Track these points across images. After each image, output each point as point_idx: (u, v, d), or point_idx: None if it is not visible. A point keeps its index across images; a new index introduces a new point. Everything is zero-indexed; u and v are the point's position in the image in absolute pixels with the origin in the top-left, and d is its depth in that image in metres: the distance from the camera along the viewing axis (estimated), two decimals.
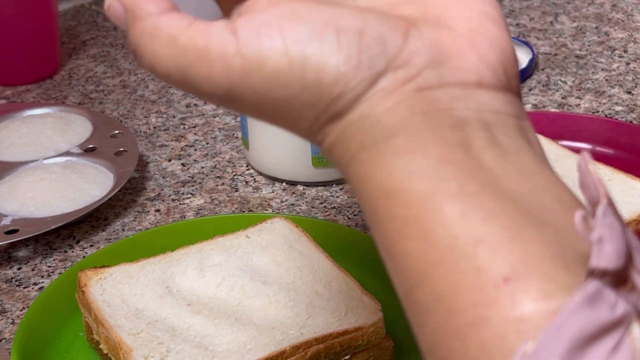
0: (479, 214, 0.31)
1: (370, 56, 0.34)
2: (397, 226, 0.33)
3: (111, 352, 0.56)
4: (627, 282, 0.29)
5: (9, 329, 0.64)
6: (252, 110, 0.36)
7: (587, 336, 0.28)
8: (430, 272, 0.31)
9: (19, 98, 0.97)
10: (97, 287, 0.59)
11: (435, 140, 0.33)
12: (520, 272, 0.29)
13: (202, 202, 0.77)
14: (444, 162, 0.32)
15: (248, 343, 0.54)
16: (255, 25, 0.35)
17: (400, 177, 0.33)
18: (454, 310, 0.30)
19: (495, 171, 0.32)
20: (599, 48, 1.01)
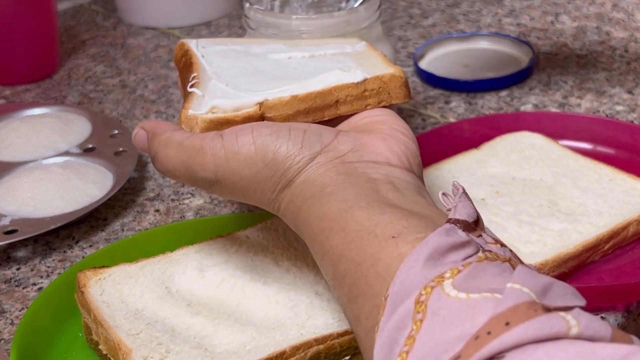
0: (378, 212, 0.47)
1: (310, 143, 0.52)
2: (326, 233, 0.48)
3: (110, 353, 0.56)
4: (475, 231, 0.44)
5: (8, 329, 0.64)
6: (231, 189, 0.53)
7: (443, 247, 0.42)
8: (345, 248, 0.46)
9: (18, 98, 0.97)
10: (96, 288, 0.59)
11: (354, 186, 0.49)
12: (402, 232, 0.44)
13: (201, 202, 0.77)
14: (358, 195, 0.49)
15: (248, 344, 0.54)
16: (235, 130, 0.53)
17: (329, 206, 0.49)
18: (360, 262, 0.45)
19: (394, 199, 0.48)
20: (600, 48, 1.01)
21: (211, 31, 1.11)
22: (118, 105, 0.94)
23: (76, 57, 1.06)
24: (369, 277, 0.44)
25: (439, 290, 0.40)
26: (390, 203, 0.47)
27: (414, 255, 0.42)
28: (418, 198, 0.49)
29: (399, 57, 1.01)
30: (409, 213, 0.46)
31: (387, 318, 0.41)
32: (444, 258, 0.42)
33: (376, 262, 0.44)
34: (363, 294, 0.44)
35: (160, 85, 0.98)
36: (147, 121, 0.57)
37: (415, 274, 0.41)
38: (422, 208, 0.47)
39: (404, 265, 0.42)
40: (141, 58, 1.05)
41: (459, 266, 0.41)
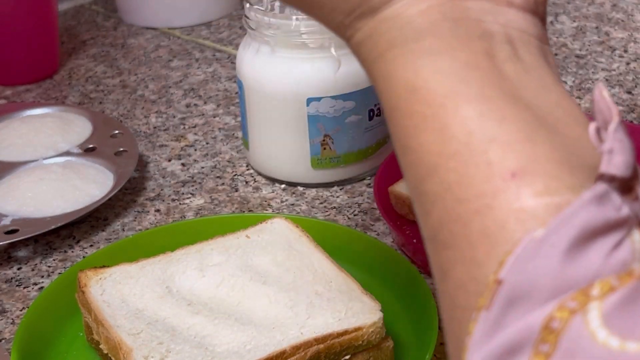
0: (495, 115, 0.33)
1: None
2: (415, 121, 0.34)
3: (111, 352, 0.56)
4: (632, 192, 0.32)
5: (9, 329, 0.64)
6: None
7: (592, 229, 0.30)
8: (442, 163, 0.33)
9: (18, 98, 0.97)
10: (97, 287, 0.59)
11: (462, 46, 0.35)
12: (528, 169, 0.31)
13: (202, 202, 0.77)
14: (468, 67, 0.35)
15: (248, 343, 0.54)
16: None
17: (424, 76, 0.35)
18: (461, 199, 0.32)
19: (515, 81, 0.35)
20: (599, 48, 1.01)
21: (211, 31, 1.11)
22: (118, 105, 0.94)
23: (77, 57, 1.06)
24: (471, 228, 0.32)
25: (581, 321, 0.29)
26: (509, 91, 0.34)
27: (549, 235, 0.30)
28: (543, 73, 0.36)
29: None
30: (536, 122, 0.33)
31: (495, 322, 0.30)
32: (590, 248, 0.30)
33: (484, 209, 0.31)
34: (458, 248, 0.32)
35: (160, 85, 0.98)
36: None
37: (548, 270, 0.30)
38: (550, 101, 0.35)
39: (532, 248, 0.30)
40: (141, 58, 1.05)
41: (612, 279, 0.29)
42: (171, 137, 0.88)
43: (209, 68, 1.02)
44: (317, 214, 0.75)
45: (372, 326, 0.55)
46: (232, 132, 0.88)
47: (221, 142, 0.86)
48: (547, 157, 0.32)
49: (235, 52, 0.84)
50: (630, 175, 0.32)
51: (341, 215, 0.75)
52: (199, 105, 0.94)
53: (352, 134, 0.76)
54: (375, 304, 0.56)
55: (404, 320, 0.61)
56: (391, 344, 0.56)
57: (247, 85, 0.77)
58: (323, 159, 0.76)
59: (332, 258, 0.61)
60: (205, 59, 1.04)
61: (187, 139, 0.87)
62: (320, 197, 0.77)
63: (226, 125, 0.89)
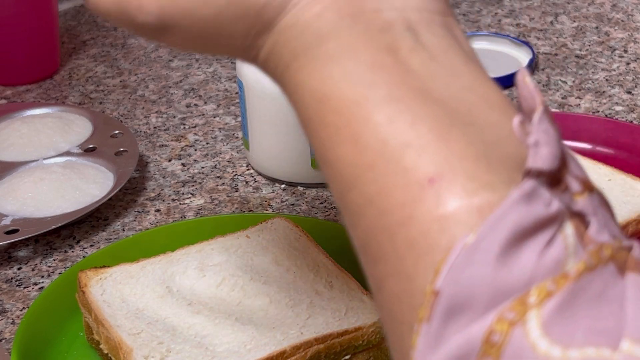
0: (406, 118, 0.32)
1: None
2: (329, 133, 0.33)
3: (111, 352, 0.56)
4: (561, 183, 0.31)
5: (9, 328, 0.64)
6: (185, 37, 0.38)
7: (523, 230, 0.29)
8: (360, 175, 0.32)
9: (19, 98, 0.97)
10: (97, 287, 0.59)
11: (364, 45, 0.34)
12: (444, 172, 0.30)
13: (202, 202, 0.77)
14: (373, 67, 0.33)
15: (248, 343, 0.54)
16: None
17: (331, 83, 0.33)
18: (383, 211, 0.31)
19: (422, 74, 0.33)
20: (599, 48, 1.01)
21: None
22: (119, 105, 0.95)
23: (77, 57, 1.06)
24: (397, 241, 0.31)
25: (521, 333, 0.28)
26: (418, 87, 0.33)
27: (479, 240, 0.29)
28: (452, 56, 0.34)
29: None
30: (448, 117, 0.32)
31: (436, 335, 0.29)
32: (523, 250, 0.29)
33: (407, 220, 0.30)
34: (388, 262, 0.32)
35: (160, 85, 0.98)
36: None
37: (482, 278, 0.29)
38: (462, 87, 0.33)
39: (464, 255, 0.29)
40: (142, 58, 1.05)
41: (548, 284, 0.29)
42: (171, 137, 0.88)
43: (209, 68, 1.02)
44: (317, 214, 0.75)
45: (373, 326, 0.55)
46: (232, 132, 0.88)
47: (221, 142, 0.86)
48: (461, 155, 0.31)
49: None
50: (558, 167, 0.31)
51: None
52: (199, 106, 0.94)
53: None
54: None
55: None
56: None
57: (247, 85, 0.77)
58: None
59: (332, 258, 0.62)
60: (205, 59, 1.04)
61: (188, 139, 0.87)
62: (320, 197, 0.77)
63: (226, 125, 0.89)
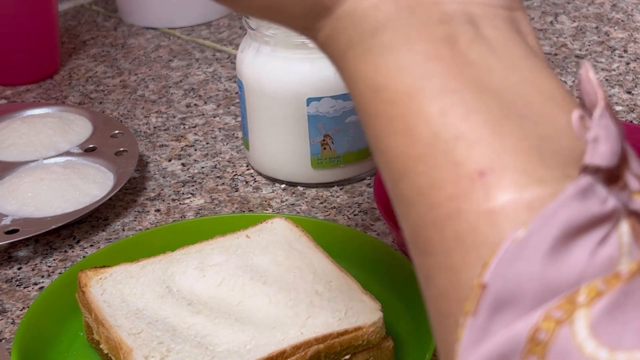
0: (459, 110, 0.31)
1: None
2: (383, 123, 0.33)
3: (111, 352, 0.56)
4: (619, 181, 0.30)
5: (9, 328, 0.64)
6: (253, 5, 0.38)
7: (576, 226, 0.28)
8: (411, 167, 0.32)
9: (19, 98, 0.97)
10: (97, 287, 0.59)
11: (420, 36, 0.33)
12: (495, 166, 0.30)
13: (202, 202, 0.77)
14: (429, 59, 0.33)
15: (248, 343, 0.54)
16: None
17: (386, 74, 0.33)
18: (433, 204, 0.31)
19: (480, 66, 0.32)
20: (599, 48, 1.01)
21: (211, 31, 1.11)
22: (119, 105, 0.95)
23: (77, 57, 1.06)
24: (445, 234, 0.31)
25: (568, 332, 0.28)
26: (475, 79, 0.32)
27: (530, 235, 0.28)
28: (513, 49, 0.33)
29: None
30: (503, 110, 0.31)
31: (482, 329, 0.29)
32: (574, 247, 0.28)
33: (456, 213, 0.30)
34: (436, 254, 0.31)
35: (160, 85, 0.98)
36: None
37: (531, 274, 0.28)
38: (520, 80, 0.32)
39: (514, 250, 0.29)
40: (142, 58, 1.05)
41: (598, 283, 0.28)
42: (171, 137, 0.88)
43: (209, 68, 1.02)
44: (317, 214, 0.75)
45: (372, 326, 0.55)
46: (232, 132, 0.88)
47: (221, 142, 0.87)
48: (515, 149, 0.30)
49: (236, 52, 0.85)
50: (617, 164, 0.30)
51: (341, 215, 0.75)
52: (199, 105, 0.94)
53: (352, 134, 0.76)
54: (375, 303, 0.57)
55: (404, 320, 0.61)
56: (391, 343, 0.56)
57: (247, 85, 0.77)
58: (323, 159, 0.77)
59: (332, 258, 0.62)
60: (205, 59, 1.04)
61: (187, 139, 0.87)
62: (320, 197, 0.77)
63: (226, 125, 0.89)
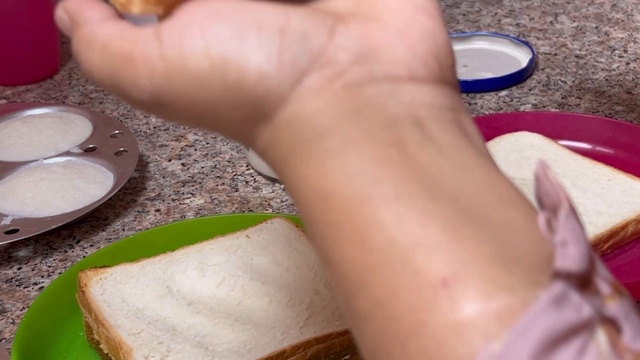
0: (415, 216, 0.30)
1: (293, 54, 0.33)
2: (333, 231, 0.31)
3: (111, 352, 0.56)
4: (590, 286, 0.29)
5: (9, 328, 0.64)
6: (180, 116, 0.36)
7: (554, 337, 0.27)
8: (367, 278, 0.30)
9: (19, 98, 0.97)
10: (97, 287, 0.59)
11: (368, 140, 0.32)
12: (458, 274, 0.28)
13: (202, 202, 0.77)
14: (379, 163, 0.31)
15: (248, 343, 0.54)
16: (178, 28, 0.34)
17: (334, 180, 0.31)
18: (393, 317, 0.29)
19: (432, 170, 0.31)
20: (599, 48, 1.01)
21: None
22: (119, 105, 0.95)
23: None
24: (409, 349, 0.29)
25: None
26: (428, 182, 0.31)
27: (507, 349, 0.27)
28: (463, 152, 0.33)
29: None
30: (461, 214, 0.30)
31: None
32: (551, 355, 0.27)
33: (420, 326, 0.28)
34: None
35: None
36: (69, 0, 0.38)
37: None
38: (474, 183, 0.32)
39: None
40: None
41: None
42: (171, 137, 0.88)
43: None
44: None
45: None
46: None
47: (221, 142, 0.87)
48: (476, 255, 0.29)
49: None
50: (587, 268, 0.29)
51: None
52: None
53: None
54: None
55: None
56: None
57: None
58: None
59: None
60: None
61: (187, 139, 0.87)
62: None
63: None
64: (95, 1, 0.37)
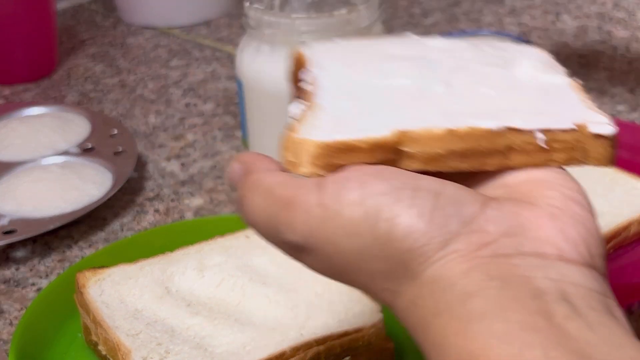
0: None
1: (444, 215, 0.35)
2: None
3: (110, 353, 0.56)
4: None
5: (7, 329, 0.63)
6: (325, 262, 0.38)
7: None
8: None
9: (17, 97, 0.97)
10: (95, 288, 0.59)
11: (514, 306, 0.32)
12: None
13: (201, 202, 0.77)
14: (526, 329, 0.32)
15: (247, 344, 0.54)
16: (338, 180, 0.37)
17: (480, 343, 0.32)
18: None
19: (580, 340, 0.32)
20: (601, 47, 1.01)
21: (211, 30, 1.11)
22: (117, 104, 0.94)
23: (75, 56, 1.06)
24: None
25: None
26: (577, 350, 0.32)
27: None
28: (612, 329, 0.33)
29: None
30: None
31: None
32: None
33: None
34: None
35: (159, 84, 0.98)
36: (245, 153, 0.42)
37: None
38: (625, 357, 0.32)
39: None
40: (141, 58, 1.05)
41: None
42: (170, 136, 0.88)
43: (208, 67, 1.01)
44: None
45: (372, 327, 0.55)
46: (232, 131, 0.88)
47: (220, 141, 0.86)
48: None
49: (235, 51, 0.84)
50: None
51: None
52: (198, 105, 0.93)
53: None
54: (375, 304, 0.56)
55: None
56: (391, 345, 0.56)
57: (246, 84, 0.77)
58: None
59: None
60: (204, 58, 1.04)
61: (186, 139, 0.87)
62: None
63: (225, 125, 0.89)
64: (268, 157, 0.41)
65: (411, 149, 0.38)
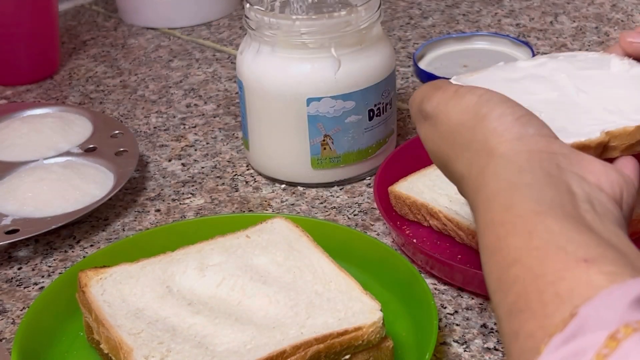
0: (573, 228, 0.41)
1: (528, 122, 0.48)
2: (507, 228, 0.43)
3: (111, 352, 0.56)
4: None
5: (9, 328, 0.64)
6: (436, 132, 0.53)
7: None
8: (524, 254, 0.41)
9: (19, 98, 0.97)
10: (97, 287, 0.59)
11: (552, 190, 0.44)
12: (598, 259, 0.39)
13: (202, 202, 0.77)
14: (554, 201, 0.43)
15: (248, 343, 0.54)
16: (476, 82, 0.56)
17: (519, 199, 0.44)
18: (539, 275, 0.40)
19: (592, 223, 0.43)
20: (599, 48, 1.01)
21: (211, 31, 1.11)
22: (119, 105, 0.95)
23: (77, 57, 1.06)
24: (545, 293, 0.39)
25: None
26: (587, 225, 0.42)
27: (616, 292, 0.36)
28: (617, 230, 0.43)
29: (399, 57, 1.01)
30: (605, 243, 0.41)
31: (567, 339, 0.36)
32: None
33: (559, 280, 0.39)
34: (531, 309, 0.39)
35: (160, 85, 0.98)
36: None
37: (616, 311, 0.36)
38: (620, 241, 0.42)
39: (604, 298, 0.37)
40: (142, 58, 1.05)
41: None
42: (171, 137, 0.88)
43: (209, 68, 1.02)
44: (317, 214, 0.75)
45: (372, 326, 0.55)
46: (232, 132, 0.88)
47: (221, 142, 0.87)
48: (612, 257, 0.39)
49: (236, 52, 0.85)
50: None
51: (341, 215, 0.75)
52: (199, 106, 0.94)
53: (352, 134, 0.76)
54: (375, 303, 0.57)
55: (404, 320, 0.61)
56: (391, 343, 0.56)
57: (247, 85, 0.77)
58: (323, 159, 0.77)
59: (332, 258, 0.62)
60: (205, 59, 1.04)
61: (188, 139, 0.87)
62: (320, 197, 0.77)
63: (226, 125, 0.89)
64: None
65: (614, 142, 0.52)
